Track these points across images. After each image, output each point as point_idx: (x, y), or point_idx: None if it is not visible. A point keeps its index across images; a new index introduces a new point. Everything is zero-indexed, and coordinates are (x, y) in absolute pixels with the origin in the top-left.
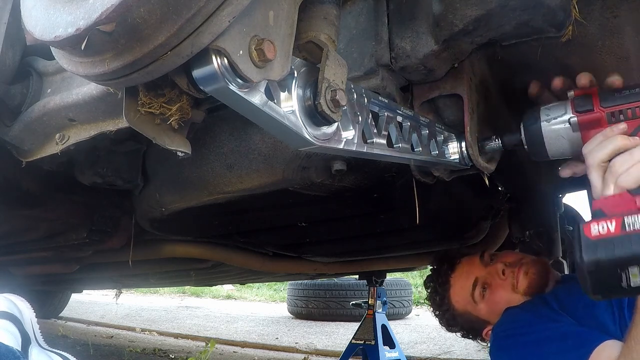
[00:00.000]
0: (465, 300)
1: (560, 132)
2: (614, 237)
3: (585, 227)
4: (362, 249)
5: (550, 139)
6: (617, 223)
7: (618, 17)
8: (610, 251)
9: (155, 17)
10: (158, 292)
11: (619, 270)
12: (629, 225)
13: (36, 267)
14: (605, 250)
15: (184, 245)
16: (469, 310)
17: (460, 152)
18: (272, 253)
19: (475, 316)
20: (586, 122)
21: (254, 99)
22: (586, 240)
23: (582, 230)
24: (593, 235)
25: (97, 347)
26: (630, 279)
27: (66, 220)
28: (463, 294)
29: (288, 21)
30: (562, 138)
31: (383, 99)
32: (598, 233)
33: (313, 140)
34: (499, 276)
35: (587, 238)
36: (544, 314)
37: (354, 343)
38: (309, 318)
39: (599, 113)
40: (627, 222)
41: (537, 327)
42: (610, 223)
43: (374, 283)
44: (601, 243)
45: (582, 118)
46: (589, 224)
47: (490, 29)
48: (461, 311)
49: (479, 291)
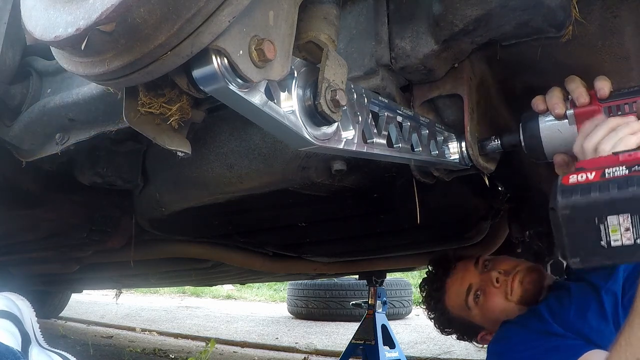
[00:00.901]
0: (459, 305)
1: (557, 126)
2: (592, 183)
3: (564, 177)
4: (362, 249)
5: (547, 134)
6: (597, 173)
7: (618, 17)
8: (586, 196)
9: (155, 17)
10: (158, 292)
11: (596, 221)
12: (609, 174)
13: (36, 267)
14: (582, 195)
15: (184, 245)
16: (463, 316)
17: (460, 152)
18: (272, 253)
19: (470, 321)
20: (583, 114)
21: (254, 99)
22: (562, 186)
23: (560, 179)
24: (570, 182)
25: (97, 347)
26: (609, 236)
27: (66, 220)
28: (457, 299)
29: (288, 21)
30: (559, 132)
31: (383, 99)
32: (576, 180)
33: (313, 140)
34: (492, 284)
35: (563, 185)
36: (536, 329)
37: (354, 343)
38: (309, 318)
39: (596, 107)
40: (608, 171)
41: (530, 344)
42: (590, 174)
43: (374, 283)
44: (578, 188)
45: (579, 111)
46: (568, 174)
47: (490, 29)
48: (456, 316)
49: (472, 298)
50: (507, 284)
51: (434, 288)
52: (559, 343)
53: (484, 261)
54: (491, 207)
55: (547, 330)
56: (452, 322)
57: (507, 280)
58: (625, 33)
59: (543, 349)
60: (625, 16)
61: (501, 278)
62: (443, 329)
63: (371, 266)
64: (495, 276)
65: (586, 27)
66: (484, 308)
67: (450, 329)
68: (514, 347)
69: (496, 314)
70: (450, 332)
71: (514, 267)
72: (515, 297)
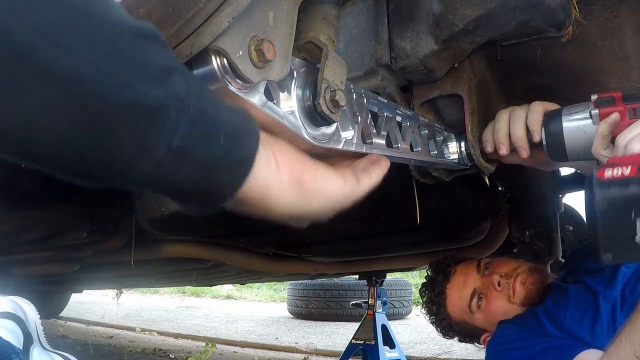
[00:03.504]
0: (461, 310)
1: (580, 126)
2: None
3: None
4: (362, 249)
5: (570, 133)
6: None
7: (618, 17)
8: (624, 189)
9: (155, 18)
10: (158, 292)
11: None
12: None
13: (36, 267)
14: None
15: (184, 245)
16: (466, 320)
17: (459, 152)
18: (272, 253)
19: (472, 325)
20: (607, 115)
21: (253, 99)
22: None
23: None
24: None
25: (97, 347)
26: None
27: (66, 220)
28: (460, 304)
29: (288, 21)
30: (582, 132)
31: (382, 99)
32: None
33: (312, 140)
34: (494, 287)
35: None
36: (532, 329)
37: (354, 343)
38: (309, 318)
39: (621, 107)
40: None
41: (526, 342)
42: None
43: (374, 283)
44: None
45: (604, 111)
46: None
47: (490, 29)
48: (458, 320)
49: (476, 302)
50: (509, 286)
51: (436, 293)
52: (555, 343)
53: (484, 264)
54: (491, 207)
55: (542, 333)
56: (453, 326)
57: (509, 282)
58: (625, 33)
59: (539, 348)
60: (625, 16)
61: (502, 281)
62: (445, 333)
63: (371, 266)
64: (497, 280)
65: (586, 27)
66: (487, 311)
67: (451, 333)
68: (510, 345)
69: (499, 316)
70: (452, 336)
71: (515, 269)
72: (518, 298)
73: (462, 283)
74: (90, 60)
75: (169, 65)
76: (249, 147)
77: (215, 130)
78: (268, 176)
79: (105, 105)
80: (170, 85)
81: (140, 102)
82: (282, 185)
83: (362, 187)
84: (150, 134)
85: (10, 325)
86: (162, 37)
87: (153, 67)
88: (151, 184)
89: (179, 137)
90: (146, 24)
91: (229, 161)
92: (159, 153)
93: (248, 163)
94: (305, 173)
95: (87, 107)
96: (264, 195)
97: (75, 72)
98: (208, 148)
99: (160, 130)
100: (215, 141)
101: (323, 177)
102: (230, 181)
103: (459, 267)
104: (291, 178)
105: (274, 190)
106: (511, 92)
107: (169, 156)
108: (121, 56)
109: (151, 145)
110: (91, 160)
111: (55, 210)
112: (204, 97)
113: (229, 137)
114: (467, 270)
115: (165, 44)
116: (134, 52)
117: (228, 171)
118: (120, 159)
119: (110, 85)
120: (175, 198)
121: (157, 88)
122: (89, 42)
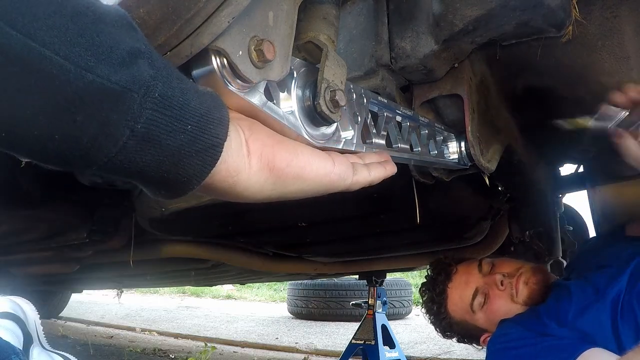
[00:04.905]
0: (463, 309)
1: None
2: None
3: None
4: (362, 249)
5: None
6: None
7: (618, 17)
8: None
9: (154, 18)
10: (158, 292)
11: None
12: None
13: (36, 267)
14: None
15: (184, 245)
16: (467, 320)
17: (459, 152)
18: (272, 253)
19: (473, 325)
20: None
21: (253, 99)
22: None
23: None
24: None
25: (97, 347)
26: None
27: (66, 220)
28: (461, 303)
29: (287, 22)
30: None
31: (382, 99)
32: None
33: (312, 140)
34: (497, 287)
35: None
36: (533, 329)
37: (354, 343)
38: (309, 318)
39: None
40: None
41: (528, 341)
42: None
43: (374, 283)
44: None
45: None
46: None
47: (490, 29)
48: (458, 320)
49: (478, 301)
50: (512, 285)
51: (437, 292)
52: (557, 342)
53: (486, 263)
54: (491, 207)
55: (544, 332)
56: (453, 326)
57: (512, 282)
58: (625, 33)
59: (540, 347)
60: (625, 16)
61: (505, 280)
62: (444, 333)
63: (371, 266)
64: (500, 279)
65: (586, 27)
66: (489, 311)
67: (451, 333)
68: (511, 344)
69: (501, 316)
70: (451, 336)
71: (518, 268)
72: (521, 298)
73: (463, 282)
74: (49, 42)
75: (136, 49)
76: (217, 134)
77: (182, 116)
78: (237, 162)
79: (64, 88)
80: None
81: (101, 85)
82: (252, 170)
83: (358, 178)
84: (113, 119)
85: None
86: (131, 21)
87: (117, 51)
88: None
89: (143, 122)
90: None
91: (196, 148)
92: (122, 138)
93: (215, 150)
94: (278, 157)
95: (45, 90)
96: (233, 181)
97: (33, 54)
98: (174, 134)
99: (123, 115)
100: (182, 127)
101: (303, 160)
102: (197, 168)
103: (460, 267)
104: (262, 163)
105: (243, 176)
106: (511, 92)
107: (133, 141)
108: (82, 40)
109: (114, 129)
110: (53, 144)
111: (55, 210)
112: (172, 82)
113: (196, 124)
114: (469, 269)
115: (135, 28)
116: (97, 36)
117: (194, 158)
118: (83, 143)
119: (69, 69)
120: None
121: (120, 72)
122: (47, 25)
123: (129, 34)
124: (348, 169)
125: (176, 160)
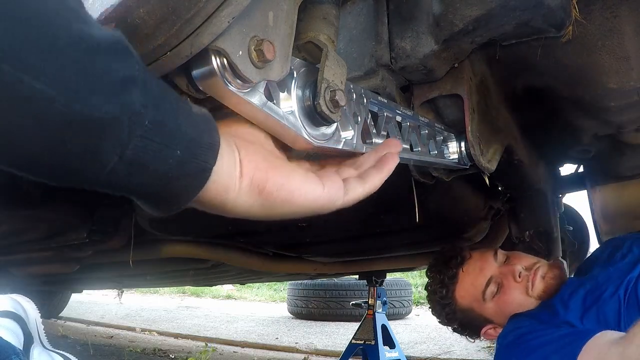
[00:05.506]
0: (473, 297)
1: None
2: None
3: None
4: (362, 249)
5: None
6: None
7: (618, 17)
8: None
9: (154, 18)
10: (158, 292)
11: None
12: None
13: (36, 267)
14: None
15: (184, 245)
16: (474, 308)
17: (459, 152)
18: (272, 253)
19: (479, 314)
20: None
21: (253, 99)
22: None
23: None
24: None
25: (97, 347)
26: None
27: (66, 220)
28: (473, 290)
29: (287, 22)
30: None
31: (382, 99)
32: None
33: (312, 140)
34: (514, 278)
35: None
36: (546, 320)
37: (354, 343)
38: (309, 318)
39: None
40: None
41: (540, 333)
42: None
43: (374, 283)
44: None
45: None
46: None
47: (490, 29)
48: (464, 307)
49: (491, 290)
50: (529, 278)
51: (448, 276)
52: (570, 331)
53: (502, 254)
54: (491, 207)
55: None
56: (457, 313)
57: (529, 275)
58: (625, 33)
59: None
60: (625, 16)
61: (523, 273)
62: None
63: (371, 266)
64: (519, 271)
65: (586, 27)
66: (500, 302)
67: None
68: (523, 337)
69: (512, 308)
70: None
71: (535, 262)
72: (536, 292)
73: (478, 269)
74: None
75: (128, 77)
76: (206, 159)
77: (171, 142)
78: (228, 182)
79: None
80: (126, 97)
81: (90, 116)
82: (241, 191)
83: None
84: (101, 146)
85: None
86: (126, 45)
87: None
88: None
89: (131, 149)
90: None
91: (184, 172)
92: (110, 163)
93: (204, 175)
94: (270, 181)
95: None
96: (222, 199)
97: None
98: (162, 160)
99: (111, 142)
100: (171, 153)
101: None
102: (184, 191)
103: (475, 253)
104: (252, 185)
105: (232, 195)
106: (511, 92)
107: (121, 166)
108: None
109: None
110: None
111: (55, 210)
112: (163, 108)
113: (185, 149)
114: (484, 257)
115: (130, 52)
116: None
117: (182, 181)
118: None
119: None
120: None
121: (111, 101)
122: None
123: (123, 61)
124: (338, 191)
125: (164, 183)
